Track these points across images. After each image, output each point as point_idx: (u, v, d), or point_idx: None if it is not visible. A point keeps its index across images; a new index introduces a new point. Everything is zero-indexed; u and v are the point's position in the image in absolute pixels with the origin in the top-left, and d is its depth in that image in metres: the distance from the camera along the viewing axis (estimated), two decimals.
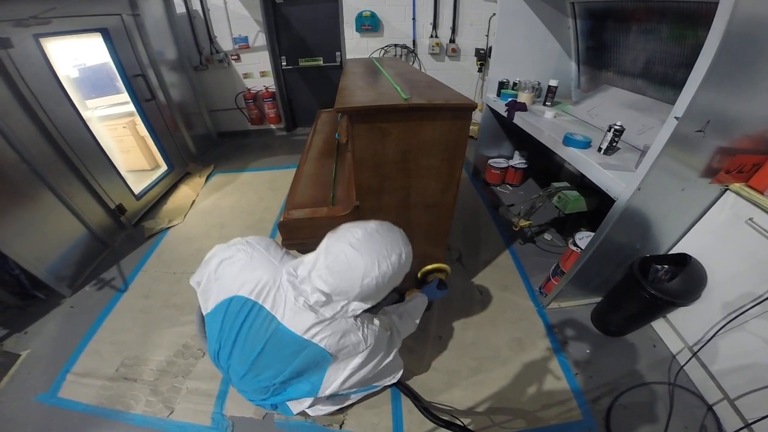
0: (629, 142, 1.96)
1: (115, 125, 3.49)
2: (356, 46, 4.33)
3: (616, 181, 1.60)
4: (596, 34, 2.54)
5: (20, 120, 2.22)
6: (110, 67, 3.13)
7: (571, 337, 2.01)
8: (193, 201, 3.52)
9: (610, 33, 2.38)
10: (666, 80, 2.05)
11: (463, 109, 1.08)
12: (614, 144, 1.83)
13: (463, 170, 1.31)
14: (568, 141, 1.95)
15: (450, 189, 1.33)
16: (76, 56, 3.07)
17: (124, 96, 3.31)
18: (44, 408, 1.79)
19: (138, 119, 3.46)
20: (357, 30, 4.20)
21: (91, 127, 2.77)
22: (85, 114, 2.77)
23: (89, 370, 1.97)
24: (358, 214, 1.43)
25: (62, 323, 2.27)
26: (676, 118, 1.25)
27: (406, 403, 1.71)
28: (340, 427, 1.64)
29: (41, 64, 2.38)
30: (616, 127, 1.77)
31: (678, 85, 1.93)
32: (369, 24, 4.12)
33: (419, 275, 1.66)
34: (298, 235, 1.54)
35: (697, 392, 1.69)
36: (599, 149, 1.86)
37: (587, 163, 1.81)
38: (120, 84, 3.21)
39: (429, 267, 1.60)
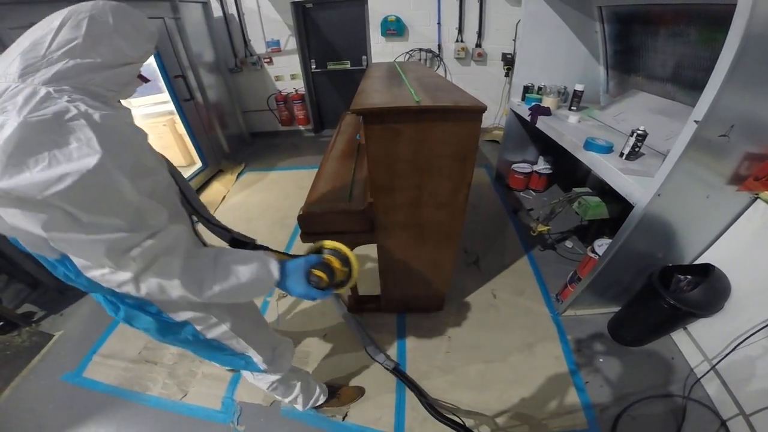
0: (655, 147, 1.91)
1: (156, 123, 3.74)
2: (382, 50, 4.42)
3: (635, 186, 1.57)
4: (624, 38, 2.48)
5: None
6: (153, 68, 3.37)
7: (584, 346, 1.97)
8: (224, 197, 3.72)
9: (638, 37, 2.32)
10: (696, 84, 1.98)
11: (472, 111, 1.11)
12: (637, 149, 1.79)
13: (485, 174, 1.33)
14: (589, 145, 1.93)
15: (461, 189, 1.36)
16: None
17: (165, 96, 3.55)
18: (68, 387, 1.91)
19: (177, 118, 3.70)
20: (382, 34, 4.29)
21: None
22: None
23: (115, 351, 2.11)
24: (371, 210, 1.50)
25: (96, 306, 2.36)
26: (695, 121, 1.22)
27: (410, 401, 1.73)
28: (343, 419, 1.68)
29: None
30: (638, 131, 1.73)
31: None
32: (394, 28, 4.20)
33: (315, 245, 1.02)
34: (315, 228, 1.62)
35: (711, 407, 1.62)
36: (621, 154, 1.83)
37: (607, 168, 1.78)
38: (162, 84, 3.45)
39: (330, 243, 0.99)
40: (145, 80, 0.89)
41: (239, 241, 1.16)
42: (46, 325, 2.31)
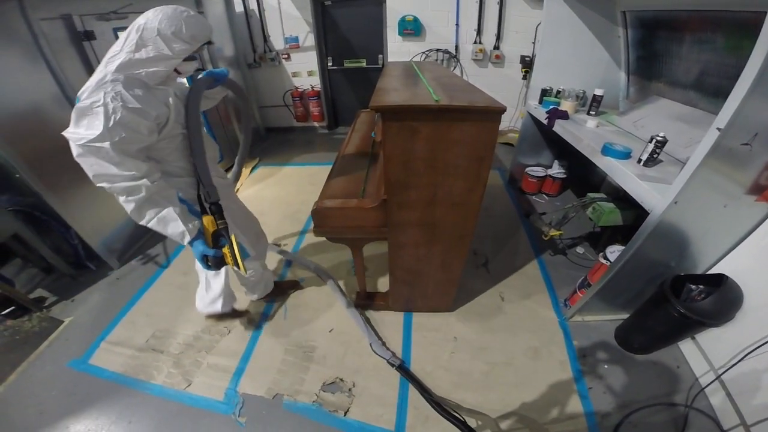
0: (674, 155, 1.88)
1: None
2: (398, 49, 4.43)
3: (651, 192, 1.56)
4: (647, 44, 2.44)
5: None
6: None
7: (590, 351, 1.96)
8: (237, 189, 3.78)
9: (662, 42, 2.28)
10: (720, 92, 1.93)
11: (491, 112, 1.12)
12: (655, 156, 1.77)
13: (498, 177, 1.33)
14: (606, 150, 1.91)
15: (476, 189, 1.37)
16: None
17: None
18: (73, 373, 1.92)
19: None
20: (399, 34, 4.30)
21: None
22: None
23: (122, 339, 2.12)
24: (385, 207, 1.51)
25: (106, 293, 2.48)
26: (718, 129, 1.21)
27: (412, 400, 1.74)
28: (345, 414, 1.69)
29: None
30: (658, 138, 1.71)
31: None
32: (411, 28, 4.20)
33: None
34: (328, 222, 1.65)
35: (713, 416, 1.60)
36: (639, 160, 1.81)
37: (623, 174, 1.77)
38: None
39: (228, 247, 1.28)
40: (179, 73, 1.24)
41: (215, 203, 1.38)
42: (57, 310, 2.34)
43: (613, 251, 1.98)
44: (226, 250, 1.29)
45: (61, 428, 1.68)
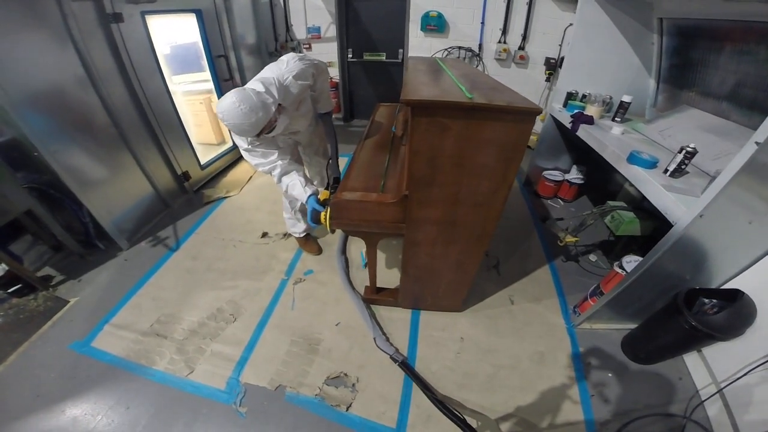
0: (700, 167, 1.83)
1: (193, 100, 3.84)
2: (419, 44, 4.38)
3: (678, 204, 1.53)
4: (683, 52, 2.37)
5: (118, 88, 2.54)
6: (198, 47, 3.45)
7: (595, 359, 1.95)
8: (251, 177, 3.80)
9: (699, 52, 2.22)
10: (755, 105, 1.88)
11: (526, 113, 1.10)
12: (683, 167, 1.73)
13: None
14: (633, 159, 1.87)
15: (501, 190, 1.35)
16: (170, 34, 3.39)
17: (206, 74, 3.64)
18: (74, 355, 1.88)
19: (214, 97, 3.79)
20: (422, 29, 4.25)
21: (174, 101, 3.08)
22: (171, 88, 3.08)
23: (127, 322, 2.08)
24: (406, 203, 1.50)
25: (114, 275, 2.45)
26: (756, 143, 1.17)
27: (415, 398, 1.74)
28: (347, 409, 1.68)
29: (144, 38, 2.70)
30: (688, 149, 1.67)
31: None
32: (435, 24, 4.15)
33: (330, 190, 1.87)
34: (347, 215, 1.64)
35: (709, 428, 1.60)
36: (665, 171, 1.77)
37: (649, 183, 1.73)
38: (204, 63, 3.53)
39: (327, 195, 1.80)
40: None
41: (336, 179, 1.92)
42: (63, 290, 2.30)
43: (630, 261, 1.95)
44: (323, 213, 1.71)
45: (57, 412, 1.64)
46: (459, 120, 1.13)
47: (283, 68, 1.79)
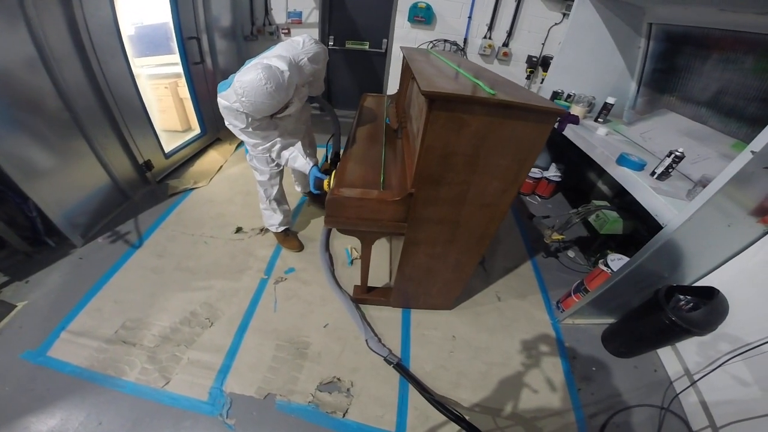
0: (681, 170, 1.92)
1: (158, 84, 3.54)
2: (405, 35, 4.28)
3: (669, 207, 1.58)
4: (668, 57, 2.47)
5: (75, 70, 2.24)
6: (168, 27, 3.15)
7: (579, 354, 2.03)
8: (221, 166, 3.55)
9: (685, 58, 2.32)
10: (734, 112, 1.99)
11: (550, 113, 1.07)
12: (670, 170, 1.80)
13: None
14: (623, 160, 1.92)
15: (511, 191, 1.32)
16: (137, 13, 3.08)
17: (174, 57, 3.34)
18: (29, 366, 1.68)
19: (181, 81, 3.52)
20: (409, 20, 4.15)
21: (138, 85, 2.78)
22: (135, 71, 2.78)
23: (87, 329, 1.87)
24: (410, 201, 1.44)
25: (67, 275, 2.17)
26: (752, 152, 1.22)
27: (413, 400, 1.71)
28: (344, 415, 1.63)
29: (108, 16, 2.40)
30: (677, 153, 1.73)
31: (747, 119, 1.88)
32: (422, 16, 4.07)
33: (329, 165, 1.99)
34: (344, 213, 1.53)
35: (684, 418, 1.72)
36: (653, 173, 1.83)
37: (639, 185, 1.78)
38: (173, 44, 3.24)
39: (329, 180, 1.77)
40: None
41: (337, 153, 1.99)
42: (8, 293, 2.01)
43: (614, 259, 2.01)
44: (326, 181, 1.75)
45: (20, 428, 1.47)
46: (479, 116, 1.08)
47: (299, 49, 1.72)
